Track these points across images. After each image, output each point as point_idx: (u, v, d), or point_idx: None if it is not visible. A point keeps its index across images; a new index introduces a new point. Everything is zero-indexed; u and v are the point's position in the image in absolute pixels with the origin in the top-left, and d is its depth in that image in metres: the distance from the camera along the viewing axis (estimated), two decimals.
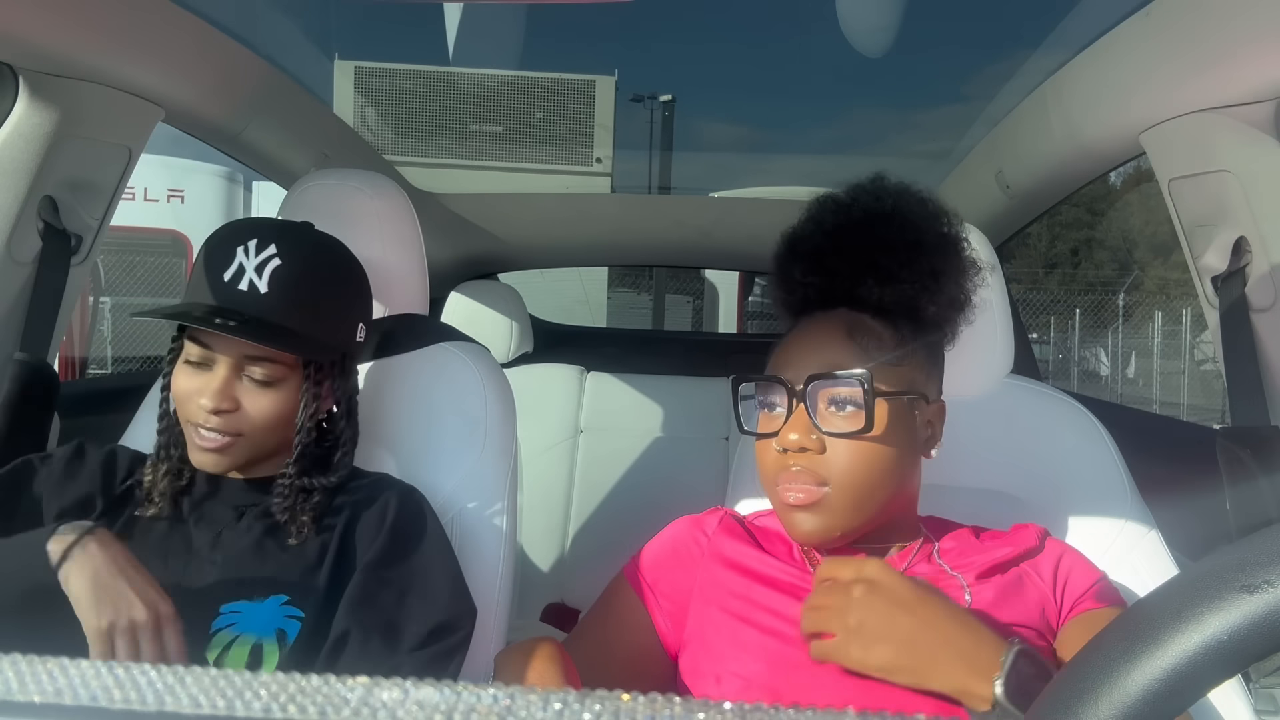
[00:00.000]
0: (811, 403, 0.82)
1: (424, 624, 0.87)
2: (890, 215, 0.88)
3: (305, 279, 0.89)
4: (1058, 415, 1.12)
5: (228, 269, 0.87)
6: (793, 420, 0.82)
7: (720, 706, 0.23)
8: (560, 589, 2.22)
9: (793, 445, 0.81)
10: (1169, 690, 0.32)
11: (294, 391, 0.91)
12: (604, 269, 6.65)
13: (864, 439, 0.80)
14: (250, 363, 0.88)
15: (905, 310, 0.86)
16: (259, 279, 0.86)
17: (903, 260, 0.86)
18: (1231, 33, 0.97)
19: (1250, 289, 1.10)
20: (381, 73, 2.44)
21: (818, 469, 0.81)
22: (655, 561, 0.92)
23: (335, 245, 0.97)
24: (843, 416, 0.81)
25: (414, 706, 0.23)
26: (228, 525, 0.92)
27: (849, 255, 0.87)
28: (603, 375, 2.40)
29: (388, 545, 0.91)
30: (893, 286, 0.85)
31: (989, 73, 1.90)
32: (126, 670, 0.24)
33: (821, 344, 0.84)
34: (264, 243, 0.87)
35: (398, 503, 0.94)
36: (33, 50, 1.08)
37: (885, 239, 0.87)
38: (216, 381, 0.87)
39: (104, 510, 0.92)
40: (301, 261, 0.89)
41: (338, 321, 0.94)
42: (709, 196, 2.57)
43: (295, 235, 0.92)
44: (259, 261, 0.87)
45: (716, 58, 2.72)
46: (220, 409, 0.87)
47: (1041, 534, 0.88)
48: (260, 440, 0.91)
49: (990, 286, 1.09)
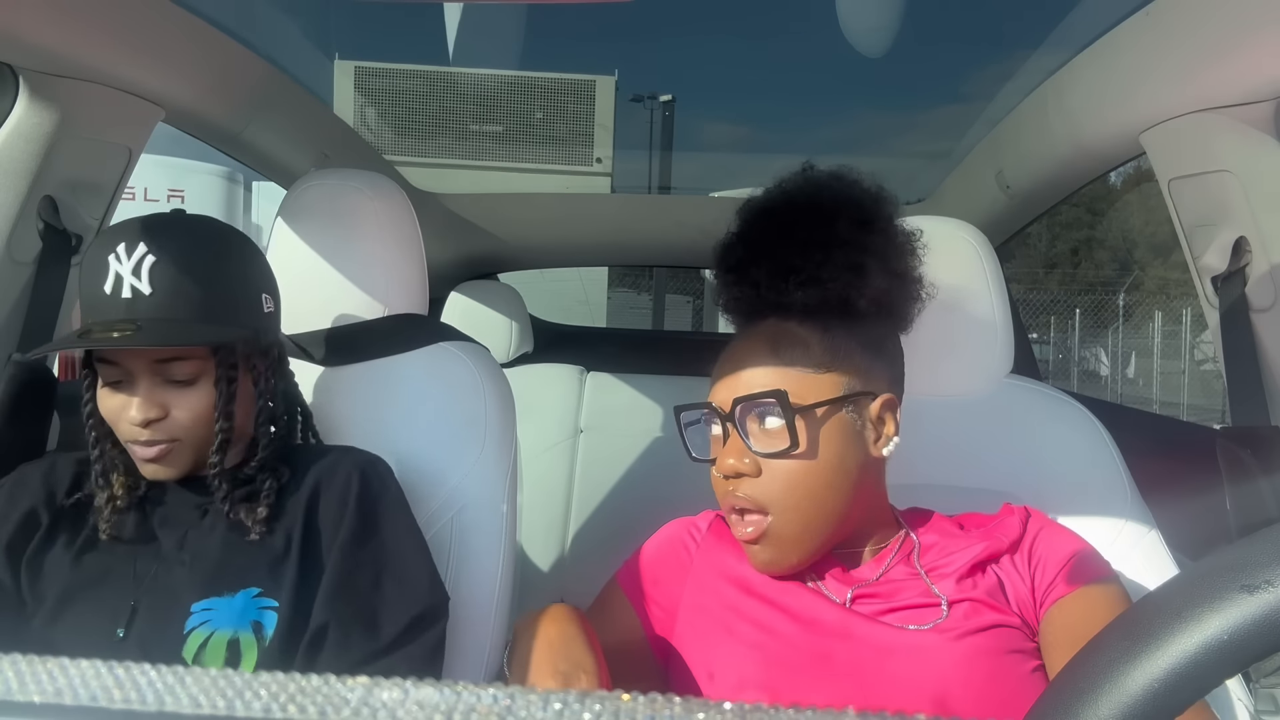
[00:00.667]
0: (742, 425, 0.81)
1: (404, 612, 0.87)
2: (803, 213, 0.85)
3: (184, 266, 0.86)
4: (1058, 415, 1.11)
5: (105, 281, 0.84)
6: (728, 445, 0.82)
7: (720, 706, 0.23)
8: (560, 589, 2.22)
9: (729, 470, 0.81)
10: (1169, 690, 0.32)
11: (214, 383, 0.90)
12: (604, 269, 6.65)
13: (796, 457, 0.79)
14: (163, 366, 0.86)
15: (834, 309, 0.83)
16: (139, 281, 0.84)
17: (819, 260, 0.82)
18: (1231, 33, 0.97)
19: (1250, 289, 1.10)
20: (381, 73, 2.44)
21: (756, 495, 0.80)
22: (646, 565, 0.92)
23: (209, 224, 0.93)
24: (770, 435, 0.80)
25: (414, 706, 0.23)
26: (192, 525, 0.92)
27: (765, 264, 0.85)
28: (603, 375, 2.40)
29: (356, 524, 0.90)
30: (814, 289, 0.82)
31: (989, 73, 1.91)
32: (126, 670, 0.24)
33: (746, 361, 0.83)
34: (132, 244, 0.85)
35: (360, 476, 0.93)
36: (33, 50, 1.08)
37: (799, 240, 0.84)
38: (138, 394, 0.86)
39: (52, 523, 0.91)
40: (175, 250, 0.86)
41: (235, 298, 0.91)
42: (709, 196, 2.57)
43: (162, 227, 0.88)
44: (134, 264, 0.84)
45: (716, 58, 2.72)
46: (149, 419, 0.86)
47: (1024, 519, 0.85)
48: (199, 439, 0.89)
49: (990, 286, 1.09)
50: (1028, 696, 0.72)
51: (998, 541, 0.83)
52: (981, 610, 0.77)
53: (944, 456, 1.09)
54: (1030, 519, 0.86)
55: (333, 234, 1.17)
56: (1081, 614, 0.75)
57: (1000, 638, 0.76)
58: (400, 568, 0.90)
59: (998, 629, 0.76)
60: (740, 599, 0.83)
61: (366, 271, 1.18)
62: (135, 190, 6.34)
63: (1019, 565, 0.81)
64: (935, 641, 0.75)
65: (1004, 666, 0.75)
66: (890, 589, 0.82)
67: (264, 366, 0.95)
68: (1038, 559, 0.81)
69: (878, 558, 0.86)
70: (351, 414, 1.14)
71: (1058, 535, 0.84)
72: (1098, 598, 0.77)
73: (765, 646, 0.79)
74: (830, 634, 0.78)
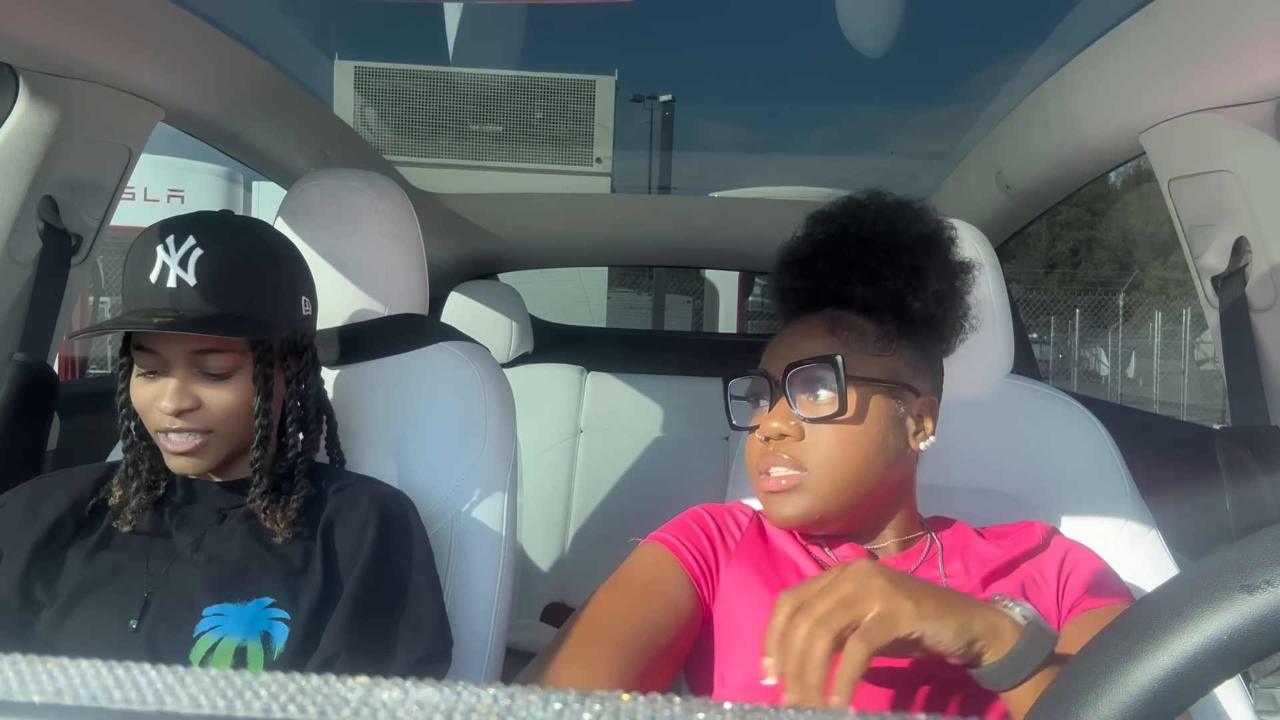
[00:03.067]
0: (791, 391, 0.84)
1: (411, 653, 0.88)
2: (873, 219, 0.91)
3: (230, 262, 0.87)
4: (1058, 415, 1.11)
5: (152, 271, 0.85)
6: (774, 410, 0.85)
7: (720, 706, 0.23)
8: (560, 589, 2.22)
9: (773, 433, 0.83)
10: (1169, 690, 0.32)
11: (252, 379, 0.90)
12: (604, 269, 6.65)
13: (840, 422, 0.82)
14: (200, 357, 0.87)
15: (891, 306, 0.88)
16: (185, 273, 0.85)
17: (883, 258, 0.88)
18: (1231, 33, 0.97)
19: (1250, 289, 1.10)
20: (381, 73, 2.44)
21: (797, 455, 0.83)
22: (688, 529, 0.89)
23: (255, 225, 0.95)
24: (820, 402, 0.83)
25: (414, 706, 0.23)
26: (210, 528, 0.92)
27: (832, 258, 0.90)
28: (603, 375, 2.40)
29: (376, 556, 0.90)
30: (876, 284, 0.88)
31: (989, 73, 1.91)
32: (126, 670, 0.24)
33: (803, 338, 0.86)
34: (181, 237, 0.86)
35: (380, 512, 0.93)
36: (33, 50, 1.08)
37: (865, 239, 0.89)
38: (172, 383, 0.87)
39: (75, 531, 0.91)
40: (222, 246, 0.87)
41: (275, 297, 0.92)
42: (709, 196, 2.57)
43: (211, 223, 0.89)
44: (181, 256, 0.85)
45: (716, 58, 2.72)
46: (182, 408, 0.86)
47: (1047, 532, 0.88)
48: (231, 434, 0.90)
49: (990, 286, 1.09)
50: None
51: (1020, 549, 0.85)
52: None
53: (944, 456, 1.09)
54: (1054, 534, 0.88)
55: (333, 234, 1.18)
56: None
57: None
58: (413, 609, 0.91)
59: None
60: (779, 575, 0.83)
61: (366, 271, 1.18)
62: (135, 190, 6.35)
63: (1045, 573, 0.83)
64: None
65: None
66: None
67: (297, 367, 0.96)
68: (1069, 570, 0.83)
69: (906, 555, 0.87)
70: (352, 413, 1.14)
71: (1087, 552, 0.86)
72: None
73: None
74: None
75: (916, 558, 0.86)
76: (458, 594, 1.04)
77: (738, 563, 0.86)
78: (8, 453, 1.16)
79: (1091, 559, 0.85)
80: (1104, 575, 0.83)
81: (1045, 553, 0.85)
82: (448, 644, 0.93)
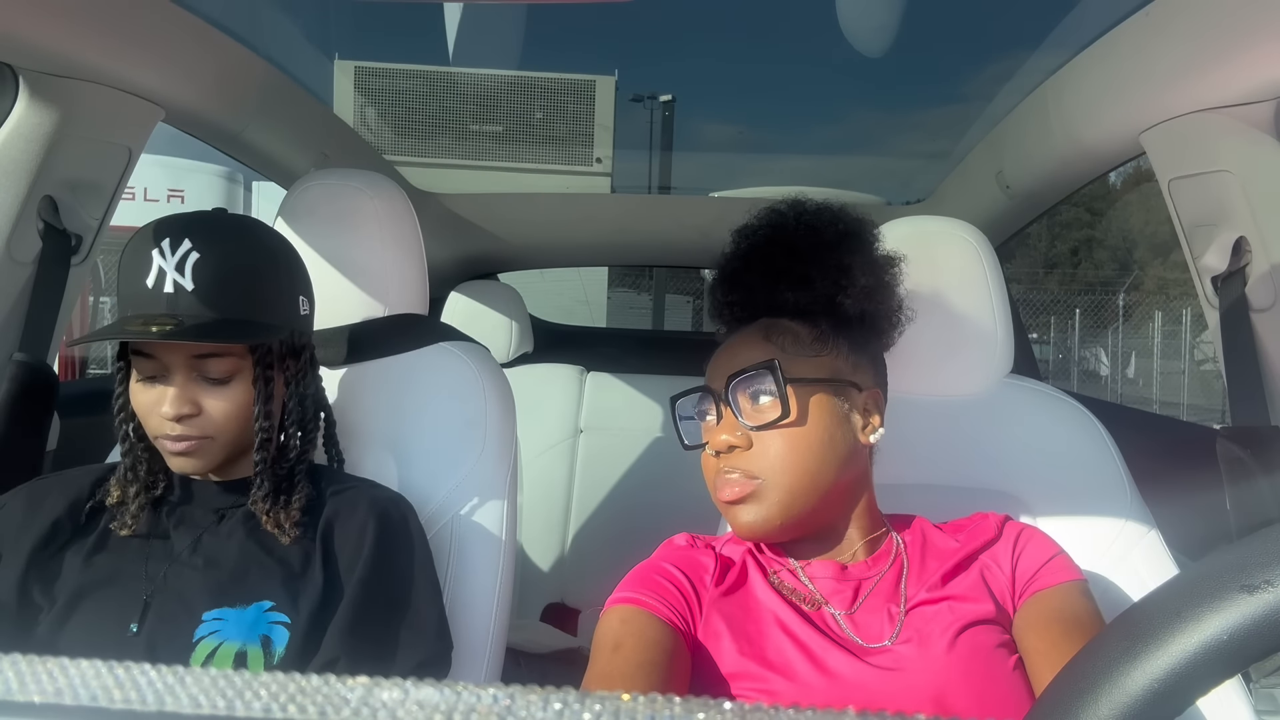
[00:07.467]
0: (734, 401, 0.86)
1: (411, 657, 0.89)
2: (794, 225, 0.93)
3: (228, 265, 0.86)
4: (1058, 415, 1.11)
5: (148, 275, 0.84)
6: (721, 423, 0.86)
7: (720, 706, 0.23)
8: (560, 589, 2.22)
9: (723, 446, 0.84)
10: (1169, 690, 0.32)
11: (252, 382, 0.90)
12: (604, 269, 6.65)
13: (786, 426, 0.83)
14: (199, 362, 0.87)
15: (822, 307, 0.89)
16: (182, 277, 0.84)
17: (808, 261, 0.89)
18: (1231, 33, 0.97)
19: (1250, 289, 1.10)
20: (381, 73, 2.44)
21: (749, 465, 0.83)
22: (655, 584, 0.86)
23: (251, 224, 0.94)
24: (763, 408, 0.84)
25: (414, 706, 0.23)
26: (208, 529, 0.92)
27: (759, 268, 0.92)
28: (602, 375, 2.40)
29: (376, 561, 0.90)
30: (805, 288, 0.89)
31: (989, 73, 1.91)
32: (126, 670, 0.24)
33: (741, 349, 0.88)
34: (177, 239, 0.84)
35: (380, 516, 0.93)
36: (33, 50, 1.08)
37: (789, 246, 0.91)
38: (172, 390, 0.86)
39: (73, 533, 0.91)
40: (219, 249, 0.86)
41: (274, 298, 0.91)
42: (709, 196, 2.57)
43: (207, 224, 0.88)
44: (177, 260, 0.84)
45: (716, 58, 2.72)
46: (181, 414, 0.86)
47: (1000, 522, 0.90)
48: (231, 438, 0.90)
49: (990, 286, 1.09)
50: (1015, 689, 0.76)
51: (978, 542, 0.87)
52: (968, 606, 0.81)
53: (944, 456, 1.09)
54: (1007, 522, 0.91)
55: (333, 234, 1.18)
56: (1060, 604, 0.80)
57: (988, 633, 0.79)
58: (413, 612, 0.91)
59: (984, 625, 0.79)
60: (757, 628, 0.82)
61: (366, 271, 1.18)
62: (135, 190, 6.35)
63: (1000, 560, 0.86)
64: (928, 643, 0.78)
65: (993, 661, 0.77)
66: (885, 587, 0.84)
67: (296, 367, 0.95)
68: (1020, 551, 0.86)
69: (875, 559, 0.87)
70: (351, 413, 1.13)
71: (1038, 534, 0.89)
72: (1076, 594, 0.82)
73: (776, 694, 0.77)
74: (845, 683, 0.77)
75: (885, 560, 0.87)
76: (458, 594, 1.04)
77: (711, 614, 0.84)
78: (7, 453, 1.16)
79: (1042, 541, 0.87)
80: (1054, 557, 0.85)
81: (999, 542, 0.87)
82: (448, 647, 0.93)
